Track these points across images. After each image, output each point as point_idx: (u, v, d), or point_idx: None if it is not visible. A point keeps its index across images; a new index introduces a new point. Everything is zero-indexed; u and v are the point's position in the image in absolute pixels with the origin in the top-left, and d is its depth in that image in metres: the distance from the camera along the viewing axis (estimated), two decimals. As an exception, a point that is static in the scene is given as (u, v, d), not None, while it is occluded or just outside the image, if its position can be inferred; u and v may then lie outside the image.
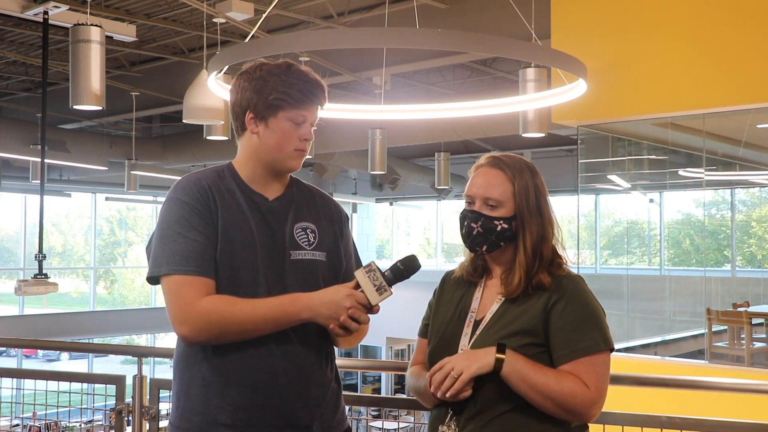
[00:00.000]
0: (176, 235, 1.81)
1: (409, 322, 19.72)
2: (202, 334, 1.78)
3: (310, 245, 1.91)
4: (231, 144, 2.06)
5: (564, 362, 1.76)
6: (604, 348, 1.78)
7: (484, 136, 11.25)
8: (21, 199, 17.17)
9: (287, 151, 1.88)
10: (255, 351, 1.81)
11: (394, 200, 18.67)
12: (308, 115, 1.88)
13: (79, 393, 4.56)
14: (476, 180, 1.90)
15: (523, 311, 1.82)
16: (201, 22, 7.03)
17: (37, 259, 6.95)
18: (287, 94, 1.85)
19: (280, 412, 1.82)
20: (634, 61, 5.72)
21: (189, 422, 1.84)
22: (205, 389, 1.82)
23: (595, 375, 1.76)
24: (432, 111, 5.20)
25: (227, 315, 1.77)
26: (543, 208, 1.88)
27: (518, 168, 1.88)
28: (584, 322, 1.79)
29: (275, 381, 1.81)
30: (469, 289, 1.96)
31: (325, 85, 1.93)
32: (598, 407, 1.78)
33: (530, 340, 1.78)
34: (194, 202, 1.83)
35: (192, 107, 6.04)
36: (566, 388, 1.73)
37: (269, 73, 1.88)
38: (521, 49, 4.09)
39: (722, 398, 2.84)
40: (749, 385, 2.62)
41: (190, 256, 1.79)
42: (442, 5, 7.08)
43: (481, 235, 1.88)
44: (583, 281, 1.87)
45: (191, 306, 1.77)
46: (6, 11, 6.31)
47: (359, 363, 8.10)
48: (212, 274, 1.80)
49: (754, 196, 13.23)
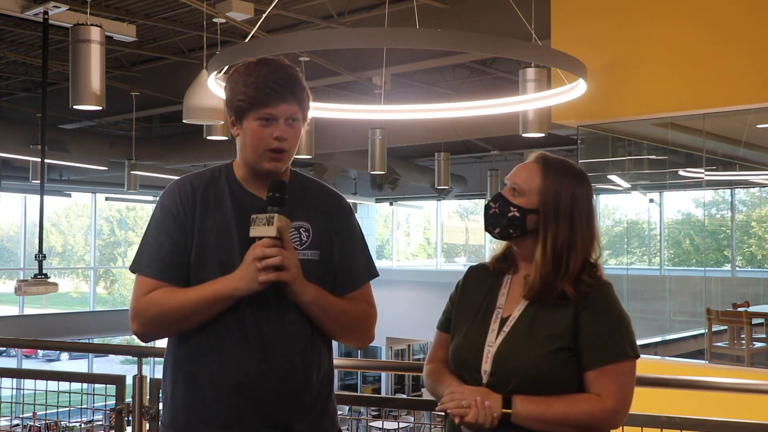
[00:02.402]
0: (150, 237, 1.88)
1: (409, 322, 19.86)
2: (149, 326, 1.84)
3: (302, 245, 1.89)
4: (231, 144, 2.06)
5: (591, 368, 1.76)
6: (631, 355, 1.79)
7: (484, 136, 11.25)
8: (21, 199, 17.18)
9: (260, 153, 1.84)
10: (234, 351, 1.81)
11: (394, 200, 18.67)
12: (274, 112, 1.81)
13: (79, 393, 4.56)
14: (516, 168, 1.92)
15: (553, 316, 1.80)
16: (201, 22, 7.03)
17: (37, 259, 6.95)
18: (247, 95, 1.82)
19: (258, 411, 1.82)
20: (634, 61, 5.72)
21: (176, 421, 1.87)
22: (188, 389, 1.85)
23: (618, 384, 1.76)
24: (432, 111, 5.19)
25: (164, 303, 1.81)
26: (576, 216, 1.83)
27: (558, 169, 1.87)
28: (613, 329, 1.79)
29: (253, 382, 1.81)
30: (495, 284, 1.93)
31: (295, 77, 1.86)
32: (621, 415, 1.78)
33: (561, 344, 1.78)
34: (172, 207, 1.87)
35: (192, 107, 6.04)
36: (582, 412, 1.74)
37: (240, 74, 1.86)
38: (521, 49, 4.09)
39: (722, 398, 2.84)
40: (749, 385, 2.63)
41: (154, 259, 1.85)
42: (442, 5, 7.07)
43: (497, 216, 1.88)
44: (612, 288, 1.85)
45: (137, 302, 1.84)
46: (6, 11, 6.31)
47: (359, 363, 8.11)
48: (173, 277, 1.84)
49: (754, 196, 13.24)
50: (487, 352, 1.82)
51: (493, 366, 1.80)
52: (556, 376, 1.77)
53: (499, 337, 1.83)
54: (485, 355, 1.82)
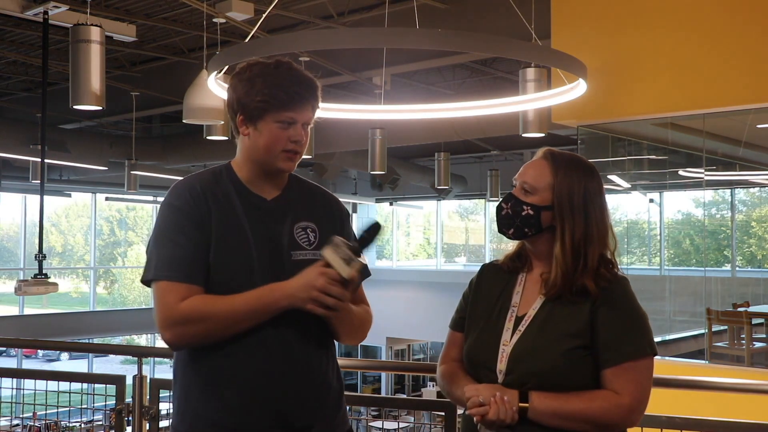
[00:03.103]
0: (166, 240, 1.80)
1: (409, 322, 19.86)
2: (185, 336, 1.77)
3: (311, 245, 1.88)
4: (231, 144, 2.05)
5: (609, 366, 1.75)
6: (649, 353, 1.77)
7: (484, 136, 11.24)
8: (21, 199, 17.17)
9: (275, 153, 1.84)
10: (253, 352, 1.79)
11: (394, 200, 18.66)
12: (296, 116, 1.83)
13: (79, 393, 4.56)
14: (524, 166, 1.90)
15: (569, 313, 1.79)
16: (201, 22, 7.03)
17: (37, 259, 6.95)
18: (273, 96, 1.81)
19: (280, 413, 1.80)
20: (634, 61, 5.72)
21: (189, 425, 1.83)
22: (204, 391, 1.81)
23: (635, 382, 1.75)
24: (432, 111, 5.19)
25: (206, 312, 1.75)
26: (590, 211, 1.82)
27: (568, 164, 1.85)
28: (631, 327, 1.78)
29: (274, 383, 1.80)
30: (509, 283, 1.91)
31: (316, 84, 1.88)
32: (638, 413, 1.76)
33: (578, 342, 1.76)
34: (185, 206, 1.81)
35: (192, 107, 6.04)
36: (598, 409, 1.73)
37: (257, 74, 1.84)
38: (521, 49, 4.09)
39: (722, 398, 2.85)
40: (749, 385, 2.63)
41: (177, 262, 1.77)
42: (442, 5, 7.07)
43: (510, 217, 1.86)
44: (629, 283, 1.83)
45: (172, 311, 1.75)
46: (6, 11, 6.31)
47: (359, 363, 8.10)
48: (199, 280, 1.78)
49: (754, 196, 13.25)
50: (502, 351, 1.80)
51: (509, 365, 1.78)
52: (573, 375, 1.75)
53: (515, 336, 1.81)
54: (500, 354, 1.80)
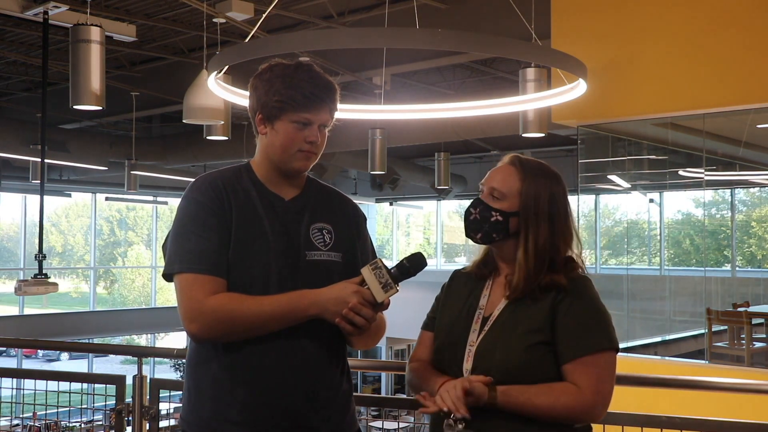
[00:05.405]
0: (190, 233, 1.82)
1: (409, 322, 19.71)
2: (212, 331, 1.79)
3: (326, 246, 1.91)
4: (231, 144, 2.06)
5: (568, 360, 1.77)
6: (608, 347, 1.79)
7: (484, 136, 11.25)
8: (21, 199, 17.17)
9: (291, 153, 1.87)
10: (265, 350, 1.81)
11: (394, 200, 18.67)
12: (313, 118, 1.86)
13: (79, 393, 4.56)
14: (491, 172, 1.94)
15: (531, 310, 1.82)
16: (201, 22, 7.03)
17: (37, 259, 6.95)
18: (290, 97, 1.84)
19: (288, 412, 1.82)
20: (634, 61, 5.72)
21: (198, 417, 1.86)
22: (215, 386, 1.84)
23: (596, 377, 1.76)
24: (432, 111, 5.18)
25: (235, 312, 1.78)
26: (556, 217, 1.86)
27: (535, 170, 1.89)
28: (590, 322, 1.80)
29: (284, 381, 1.82)
30: (477, 286, 1.96)
31: (334, 87, 1.90)
32: (600, 409, 1.78)
33: (539, 339, 1.79)
34: (208, 202, 1.84)
35: (192, 107, 6.04)
36: (561, 406, 1.75)
37: (276, 75, 1.87)
38: (521, 49, 4.08)
39: (722, 398, 2.84)
40: (749, 385, 2.62)
41: (202, 255, 1.80)
42: (442, 5, 7.07)
43: (477, 222, 1.90)
44: (591, 282, 1.87)
45: (201, 304, 1.77)
46: (6, 11, 6.31)
47: (359, 363, 8.08)
48: (224, 273, 1.81)
49: (754, 196, 13.25)
50: (469, 351, 1.85)
51: (474, 362, 1.82)
52: (536, 370, 1.78)
53: (480, 336, 1.86)
54: (467, 354, 1.85)
